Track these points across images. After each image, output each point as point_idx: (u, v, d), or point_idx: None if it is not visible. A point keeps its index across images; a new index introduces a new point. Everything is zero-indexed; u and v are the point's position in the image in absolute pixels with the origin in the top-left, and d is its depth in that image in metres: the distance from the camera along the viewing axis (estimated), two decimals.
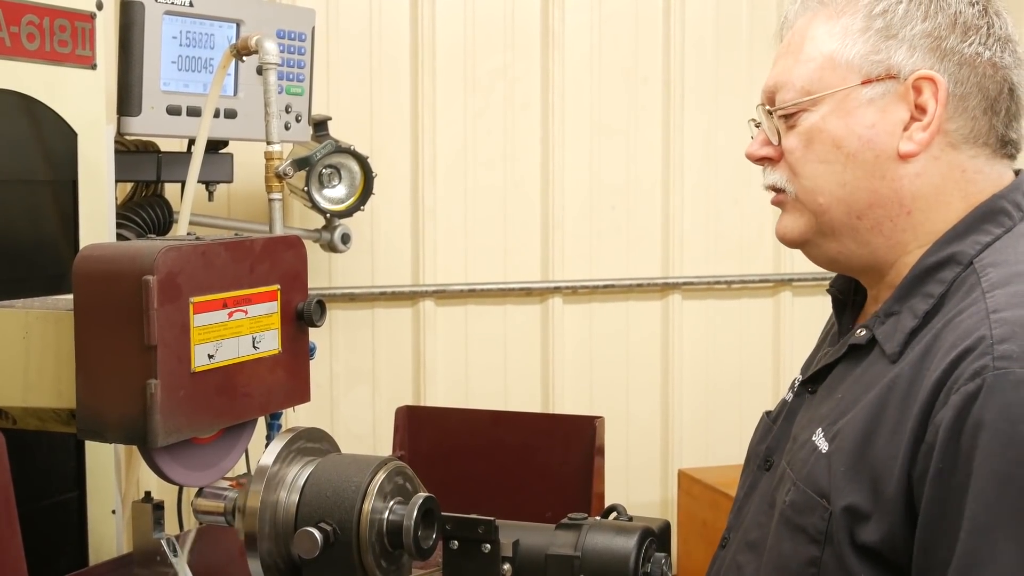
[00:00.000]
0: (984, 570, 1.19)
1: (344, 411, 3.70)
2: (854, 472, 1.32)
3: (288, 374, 1.68)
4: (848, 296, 1.57)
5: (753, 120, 1.53)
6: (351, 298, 3.68)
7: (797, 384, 1.57)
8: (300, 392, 1.72)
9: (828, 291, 1.61)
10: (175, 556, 1.68)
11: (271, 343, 1.65)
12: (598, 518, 1.50)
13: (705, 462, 3.93)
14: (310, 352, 1.75)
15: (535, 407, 3.84)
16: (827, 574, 1.33)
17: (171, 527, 1.90)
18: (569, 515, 1.50)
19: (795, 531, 1.37)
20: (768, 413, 1.64)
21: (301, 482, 1.52)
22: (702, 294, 4.06)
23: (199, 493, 1.64)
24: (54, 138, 2.10)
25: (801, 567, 1.36)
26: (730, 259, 4.04)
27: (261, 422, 1.89)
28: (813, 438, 1.40)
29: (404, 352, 3.77)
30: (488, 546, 1.46)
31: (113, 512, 2.21)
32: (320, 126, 3.22)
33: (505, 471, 2.62)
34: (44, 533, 2.05)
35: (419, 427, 2.67)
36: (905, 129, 1.39)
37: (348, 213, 3.24)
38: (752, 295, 4.11)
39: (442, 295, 3.77)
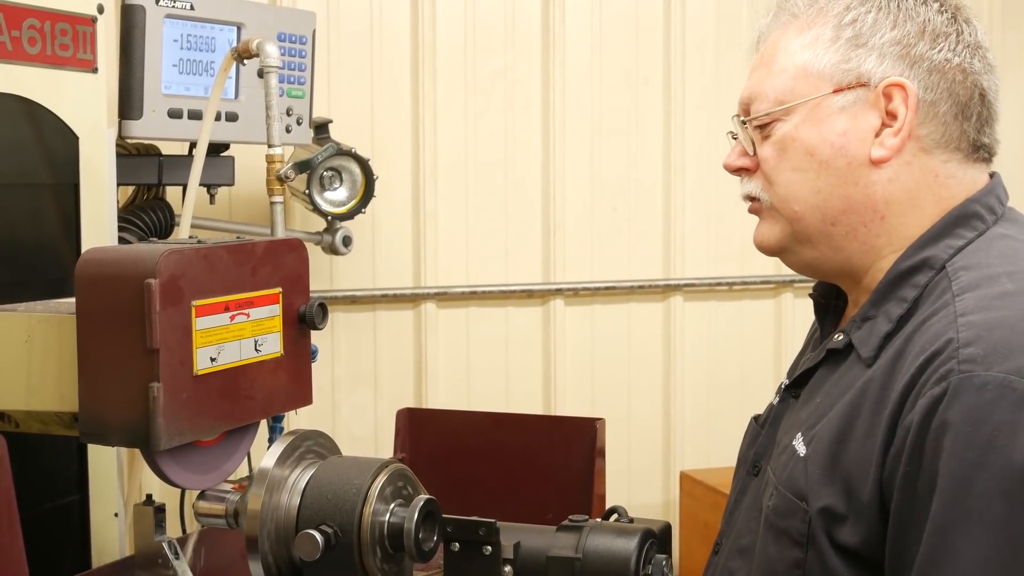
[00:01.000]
0: (943, 570, 1.21)
1: (346, 413, 3.70)
2: (828, 475, 1.34)
3: (290, 377, 1.68)
4: (830, 301, 1.60)
5: (731, 132, 1.55)
6: (353, 301, 3.68)
7: (782, 388, 1.58)
8: (302, 395, 1.72)
9: (811, 296, 1.63)
10: (176, 559, 1.68)
11: (273, 346, 1.65)
12: (599, 520, 1.51)
13: (707, 464, 3.93)
14: (312, 355, 1.75)
15: (537, 409, 3.84)
16: (812, 575, 1.34)
17: (174, 530, 1.90)
18: (570, 517, 1.50)
19: (779, 535, 1.39)
20: (756, 418, 1.65)
21: (302, 485, 1.52)
22: (703, 296, 4.06)
23: (200, 496, 1.64)
24: (55, 141, 2.10)
25: (787, 569, 1.37)
26: (731, 261, 4.04)
27: (263, 425, 1.89)
28: (793, 442, 1.42)
29: (406, 354, 3.77)
30: (489, 548, 1.47)
31: (116, 515, 2.21)
32: (321, 129, 3.23)
33: (506, 473, 2.62)
34: (47, 536, 2.05)
35: (420, 429, 2.67)
36: (876, 135, 1.41)
37: (349, 216, 3.24)
38: (753, 297, 4.11)
39: (444, 297, 3.77)
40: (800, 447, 1.40)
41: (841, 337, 1.45)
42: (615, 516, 1.52)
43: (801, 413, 1.47)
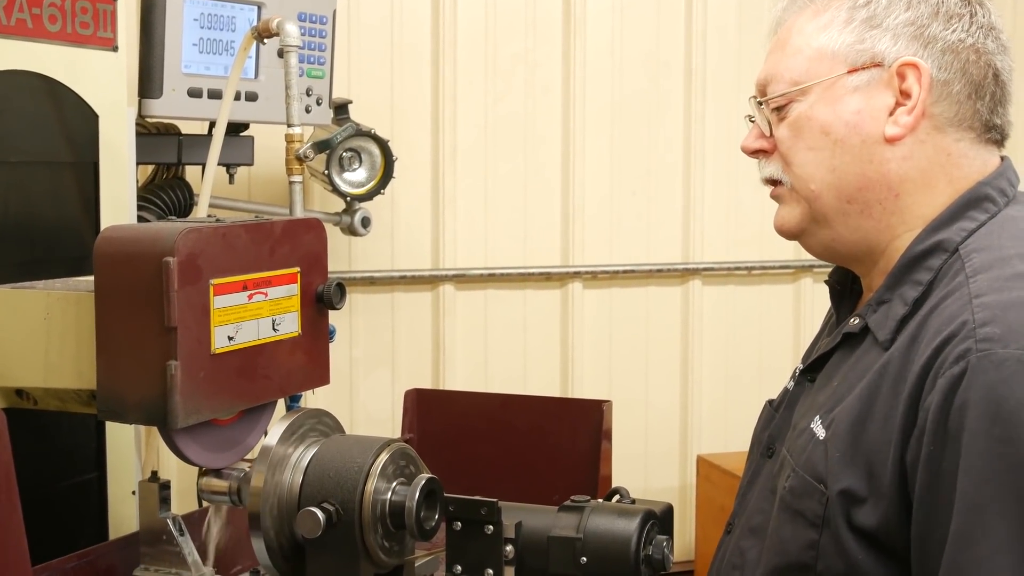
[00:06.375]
0: (977, 546, 1.22)
1: (363, 394, 3.71)
2: (849, 457, 1.35)
3: (307, 356, 1.68)
4: (846, 286, 1.61)
5: (748, 116, 1.57)
6: (371, 282, 3.68)
7: (797, 373, 1.60)
8: (319, 375, 1.72)
9: (826, 282, 1.64)
10: (181, 535, 1.69)
11: (291, 325, 1.65)
12: (601, 500, 1.51)
13: (724, 448, 3.93)
14: (330, 335, 1.75)
15: (554, 392, 3.84)
16: (825, 557, 1.36)
17: (191, 507, 1.91)
18: (572, 497, 1.51)
19: (794, 516, 1.40)
20: (771, 402, 1.66)
21: (305, 463, 1.53)
22: (722, 280, 4.05)
23: (205, 473, 1.65)
24: (75, 120, 2.10)
25: (800, 550, 1.38)
26: (750, 245, 4.03)
27: (281, 404, 1.90)
28: (811, 425, 1.43)
29: (423, 336, 3.77)
30: (491, 527, 1.47)
31: (133, 493, 2.21)
32: (341, 109, 3.22)
33: (514, 454, 2.62)
34: (65, 513, 2.06)
35: (428, 410, 2.67)
36: (891, 114, 1.43)
37: (368, 196, 3.24)
38: (772, 281, 4.10)
39: (462, 279, 3.77)
40: (819, 430, 1.41)
41: (857, 321, 1.47)
42: (617, 497, 1.53)
43: (818, 396, 1.48)
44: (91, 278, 1.56)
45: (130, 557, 1.74)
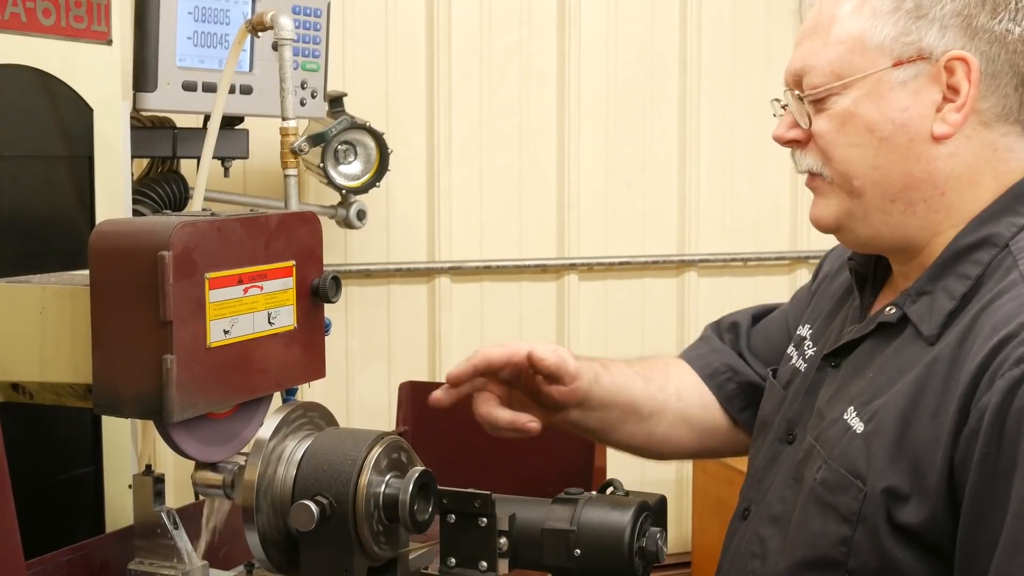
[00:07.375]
0: None
1: (359, 387, 3.71)
2: (894, 454, 1.31)
3: (303, 350, 1.68)
4: (868, 270, 1.56)
5: (777, 100, 1.51)
6: (367, 275, 3.68)
7: (812, 354, 1.56)
8: (315, 368, 1.72)
9: (848, 264, 1.60)
10: (175, 528, 1.68)
11: (286, 319, 1.65)
12: (594, 492, 1.51)
13: None
14: (325, 328, 1.75)
15: None
16: (859, 554, 1.33)
17: (189, 500, 1.91)
18: (566, 490, 1.51)
19: (826, 509, 1.37)
20: (773, 372, 1.63)
21: (298, 456, 1.53)
22: (718, 271, 4.05)
23: (198, 467, 1.65)
24: (70, 114, 2.10)
25: (831, 545, 1.36)
26: (746, 236, 4.03)
27: (277, 397, 1.90)
28: (844, 417, 1.39)
29: (420, 329, 3.77)
30: (485, 520, 1.48)
31: (129, 487, 2.21)
32: (336, 102, 3.22)
33: (508, 447, 2.62)
34: (61, 507, 2.06)
35: (423, 403, 2.67)
36: (938, 111, 1.38)
37: (363, 189, 3.24)
38: (768, 272, 4.10)
39: (458, 272, 3.77)
40: (855, 423, 1.38)
41: (893, 311, 1.43)
42: (611, 489, 1.53)
43: (850, 386, 1.44)
44: (86, 272, 1.55)
45: (125, 551, 1.73)
